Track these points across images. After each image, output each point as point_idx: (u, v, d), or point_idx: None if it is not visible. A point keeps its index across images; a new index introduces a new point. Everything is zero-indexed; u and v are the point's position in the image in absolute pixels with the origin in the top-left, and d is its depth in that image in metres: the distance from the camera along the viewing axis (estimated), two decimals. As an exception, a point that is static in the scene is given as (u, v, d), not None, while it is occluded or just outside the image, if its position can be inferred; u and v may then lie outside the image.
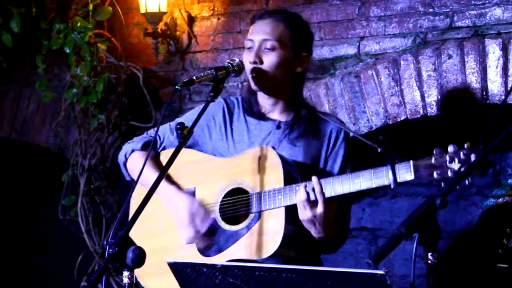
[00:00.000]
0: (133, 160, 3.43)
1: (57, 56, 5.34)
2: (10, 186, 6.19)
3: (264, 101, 3.33)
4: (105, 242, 2.64)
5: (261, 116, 3.33)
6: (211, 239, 3.24)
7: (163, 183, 3.25)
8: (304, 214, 3.02)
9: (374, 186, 2.95)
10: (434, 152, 2.83)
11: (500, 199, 4.56)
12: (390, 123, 4.34)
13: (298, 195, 3.02)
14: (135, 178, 3.43)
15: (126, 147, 3.49)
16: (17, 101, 5.80)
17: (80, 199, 5.33)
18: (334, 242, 3.24)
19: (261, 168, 3.17)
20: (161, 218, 3.36)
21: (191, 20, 5.07)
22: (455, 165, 2.78)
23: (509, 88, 3.98)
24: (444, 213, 2.25)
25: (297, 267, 2.33)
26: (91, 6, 5.09)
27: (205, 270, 2.47)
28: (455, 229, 4.65)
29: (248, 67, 3.23)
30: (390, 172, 2.88)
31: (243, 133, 3.34)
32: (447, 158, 2.80)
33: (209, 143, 3.38)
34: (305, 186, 3.02)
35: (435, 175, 2.83)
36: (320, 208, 3.00)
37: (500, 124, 2.53)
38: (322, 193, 3.00)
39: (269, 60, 3.22)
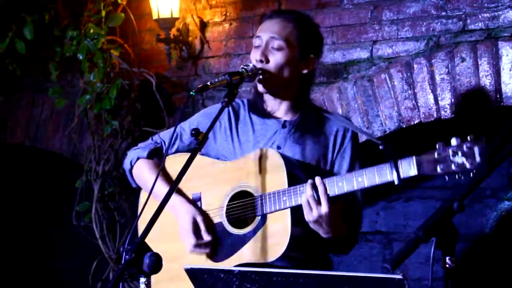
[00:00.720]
0: (139, 168, 3.45)
1: (70, 62, 5.36)
2: (24, 193, 6.21)
3: (269, 99, 3.33)
4: (121, 249, 2.64)
5: (267, 115, 3.33)
6: (216, 245, 3.25)
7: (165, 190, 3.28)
8: (310, 214, 3.02)
9: (377, 183, 2.94)
10: (437, 146, 2.81)
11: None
12: (404, 126, 4.33)
13: (302, 195, 3.02)
14: (141, 185, 3.47)
15: (132, 154, 3.50)
16: (30, 108, 5.82)
17: (94, 205, 5.34)
18: (344, 243, 3.24)
19: (264, 170, 3.17)
20: (169, 223, 3.36)
21: (203, 26, 5.08)
22: (459, 159, 2.75)
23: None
24: (459, 216, 2.24)
25: (314, 272, 2.32)
26: (103, 13, 5.11)
27: (222, 275, 2.47)
28: (470, 232, 4.63)
29: (254, 62, 3.23)
30: (393, 168, 2.87)
31: (249, 133, 3.34)
32: (450, 152, 2.76)
33: (214, 146, 3.38)
34: (311, 185, 3.01)
35: (438, 169, 2.79)
36: (324, 208, 2.99)
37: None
38: (326, 193, 2.99)
39: (275, 60, 3.22)
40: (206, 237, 3.23)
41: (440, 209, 2.24)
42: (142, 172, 3.42)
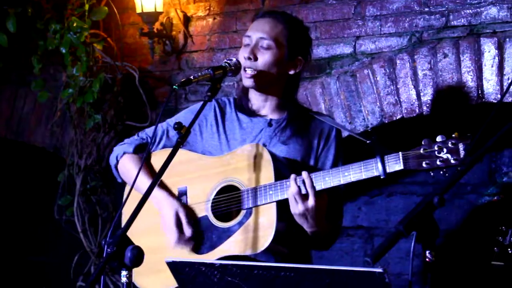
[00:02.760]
0: (124, 163, 3.46)
1: (53, 56, 5.34)
2: (6, 186, 6.18)
3: (255, 97, 3.36)
4: (103, 242, 2.64)
5: (252, 113, 3.36)
6: (201, 238, 3.27)
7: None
8: (296, 207, 3.06)
9: (364, 177, 3.00)
10: (423, 142, 2.90)
11: (495, 197, 4.58)
12: (386, 122, 4.35)
13: (289, 189, 3.05)
14: (126, 180, 3.49)
15: (118, 149, 3.51)
16: (13, 101, 5.80)
17: (76, 199, 5.33)
18: (326, 238, 3.28)
19: (252, 165, 3.20)
20: (153, 217, 3.37)
21: (187, 20, 5.08)
22: (444, 155, 2.84)
23: (504, 87, 3.99)
24: (439, 211, 2.26)
25: (295, 265, 2.33)
26: (87, 6, 5.09)
27: (203, 269, 2.47)
28: (450, 227, 4.66)
29: (242, 62, 3.26)
30: (379, 163, 2.92)
31: (235, 131, 3.37)
32: (436, 148, 2.87)
33: (200, 142, 3.40)
34: (295, 180, 3.05)
35: (424, 164, 2.88)
36: (311, 201, 3.03)
37: (496, 122, 2.54)
38: (313, 187, 3.04)
39: (264, 59, 3.25)
40: (188, 232, 3.25)
41: (421, 204, 2.25)
42: (128, 167, 3.44)
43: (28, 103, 5.72)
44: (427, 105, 4.23)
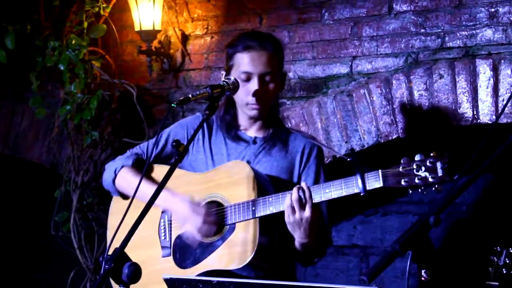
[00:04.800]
0: (124, 176, 3.46)
1: (51, 73, 5.36)
2: (3, 202, 6.18)
3: (244, 120, 3.43)
4: (100, 258, 2.65)
5: (238, 137, 3.43)
6: (185, 253, 3.29)
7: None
8: (292, 217, 3.09)
9: (344, 194, 3.06)
10: (402, 161, 2.95)
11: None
12: (382, 141, 4.38)
13: (287, 199, 3.09)
14: (126, 192, 3.49)
15: (114, 164, 3.52)
16: (10, 117, 5.81)
17: (73, 215, 5.34)
18: (312, 252, 3.30)
19: (235, 181, 3.25)
20: (141, 231, 3.35)
21: (185, 38, 5.11)
22: (422, 173, 2.89)
23: (499, 108, 4.02)
24: (434, 231, 2.29)
25: (292, 283, 2.36)
26: (85, 24, 5.12)
27: (201, 286, 2.49)
28: (445, 247, 4.68)
29: (250, 98, 3.31)
30: (359, 180, 2.97)
31: (221, 147, 3.43)
32: (414, 166, 2.92)
33: (186, 156, 3.43)
34: (298, 189, 3.10)
35: (402, 182, 2.94)
36: (307, 212, 3.07)
37: (491, 144, 2.57)
38: (311, 198, 3.08)
39: (271, 90, 3.35)
40: (208, 216, 3.25)
41: (417, 223, 2.27)
42: (129, 179, 3.44)
43: (26, 119, 5.74)
44: (423, 126, 4.25)
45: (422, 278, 2.27)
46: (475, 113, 4.11)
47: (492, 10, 4.10)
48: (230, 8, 4.95)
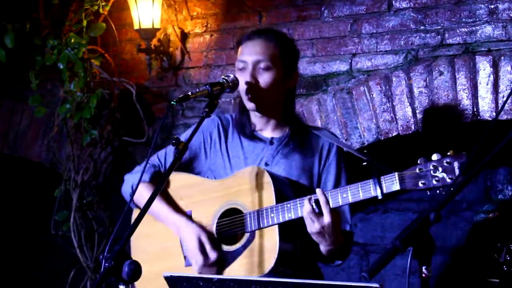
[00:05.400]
0: (141, 193, 3.39)
1: (50, 71, 5.36)
2: (2, 201, 6.18)
3: (256, 119, 3.38)
4: (100, 256, 2.65)
5: (254, 137, 3.37)
6: (214, 269, 3.27)
7: (171, 213, 3.34)
8: (313, 226, 3.05)
9: (362, 198, 3.01)
10: (419, 161, 2.90)
11: (491, 215, 4.59)
12: (382, 139, 4.37)
13: (304, 208, 3.05)
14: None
15: (131, 178, 3.47)
16: (10, 116, 5.81)
17: (73, 214, 5.34)
18: (337, 255, 3.26)
19: (253, 188, 3.20)
20: (161, 242, 3.39)
21: (184, 37, 5.11)
22: (439, 174, 2.85)
23: (500, 105, 4.02)
24: (435, 228, 2.28)
25: (293, 280, 2.34)
26: (85, 22, 5.12)
27: (201, 283, 2.48)
28: (446, 244, 4.68)
29: (243, 87, 3.26)
30: (376, 184, 2.93)
31: (238, 149, 3.38)
32: (431, 167, 2.87)
33: (205, 160, 3.42)
34: (309, 199, 3.05)
35: (420, 184, 2.89)
36: (327, 219, 3.02)
37: (491, 140, 2.56)
38: (328, 204, 3.03)
39: (265, 80, 3.26)
40: (212, 256, 3.23)
41: (417, 220, 2.27)
42: (145, 196, 3.31)
43: (25, 118, 5.74)
44: (421, 123, 4.25)
45: (423, 275, 2.27)
46: (475, 110, 4.10)
47: (492, 6, 4.10)
48: (229, 6, 4.94)
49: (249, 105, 3.29)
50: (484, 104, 4.09)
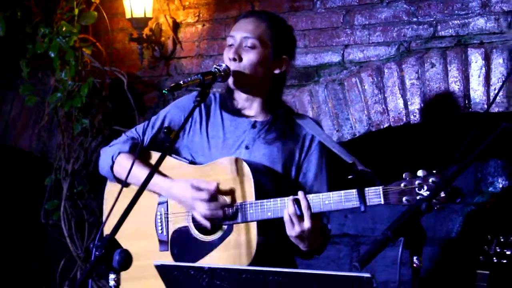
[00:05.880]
0: (121, 162, 3.35)
1: (41, 60, 5.33)
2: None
3: (240, 98, 3.34)
4: (91, 245, 2.64)
5: (236, 112, 3.34)
6: (182, 249, 3.25)
7: (158, 178, 3.26)
8: (292, 230, 3.04)
9: (344, 207, 3.01)
10: (404, 176, 2.88)
11: (481, 207, 4.61)
12: (373, 130, 4.37)
13: (284, 212, 3.03)
14: (128, 179, 3.37)
15: (110, 150, 3.43)
16: (0, 105, 5.79)
17: (63, 203, 5.32)
18: (313, 252, 3.25)
19: (232, 179, 3.18)
20: (137, 221, 3.34)
21: (176, 26, 5.09)
22: (424, 192, 2.83)
23: (491, 97, 4.02)
24: (426, 220, 2.29)
25: (284, 270, 2.34)
26: (76, 11, 5.10)
27: (192, 272, 2.48)
28: (436, 236, 4.69)
29: (227, 63, 3.24)
30: (360, 197, 2.93)
31: (218, 129, 3.35)
32: (416, 184, 2.85)
33: (184, 138, 3.36)
34: (293, 202, 3.02)
35: (404, 200, 2.88)
36: (307, 224, 3.01)
37: (483, 132, 2.57)
38: (309, 209, 3.01)
39: (248, 58, 3.23)
40: (212, 186, 3.16)
41: (408, 210, 2.27)
42: (127, 166, 3.19)
43: (16, 107, 5.71)
44: (414, 114, 4.26)
45: (414, 265, 2.27)
46: (466, 102, 4.11)
47: (485, -1, 4.11)
48: (221, -4, 4.94)
49: (230, 80, 3.25)
50: (475, 96, 4.09)
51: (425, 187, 2.83)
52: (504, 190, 4.60)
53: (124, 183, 2.97)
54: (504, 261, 3.38)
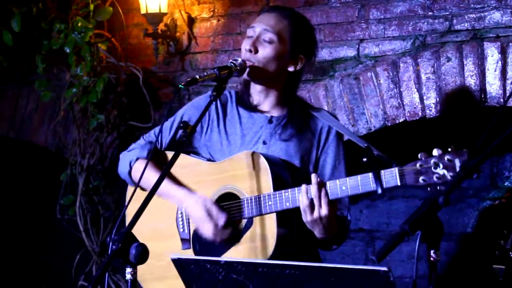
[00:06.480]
0: (139, 169, 3.32)
1: (56, 55, 5.35)
2: (8, 185, 6.20)
3: (255, 92, 3.34)
4: (108, 239, 2.65)
5: (253, 108, 3.34)
6: (203, 246, 3.25)
7: (171, 187, 3.28)
8: (310, 216, 3.03)
9: (361, 191, 2.98)
10: (419, 156, 2.85)
11: (497, 202, 4.59)
12: (389, 125, 4.37)
13: (302, 197, 3.03)
14: (145, 186, 3.35)
15: (128, 156, 3.43)
16: (16, 100, 5.81)
17: (79, 198, 5.34)
18: (333, 241, 3.25)
19: (250, 173, 3.17)
20: (158, 222, 3.37)
21: (191, 21, 5.10)
22: (440, 170, 2.81)
23: (508, 91, 4.01)
24: (441, 215, 2.28)
25: (300, 263, 2.34)
26: (91, 7, 5.11)
27: (208, 266, 2.48)
28: (452, 231, 4.68)
29: (243, 54, 3.24)
30: (376, 179, 2.91)
31: (236, 126, 3.34)
32: (432, 163, 2.82)
33: (203, 137, 3.37)
34: (307, 190, 3.02)
35: (420, 180, 2.85)
36: (324, 210, 3.00)
37: (499, 126, 2.56)
38: (327, 195, 3.01)
39: (264, 52, 3.23)
40: (222, 219, 3.17)
41: (426, 203, 2.26)
42: (145, 173, 3.18)
43: (31, 103, 5.74)
44: (430, 109, 4.25)
45: (431, 259, 2.27)
46: (482, 96, 4.09)
47: (501, -8, 4.09)
48: (236, -10, 4.94)
49: (245, 74, 3.24)
50: (492, 90, 4.08)
51: (441, 165, 2.81)
52: (520, 184, 4.59)
53: (136, 187, 2.97)
54: (520, 255, 3.38)
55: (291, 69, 3.29)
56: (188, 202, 3.25)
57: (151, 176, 3.22)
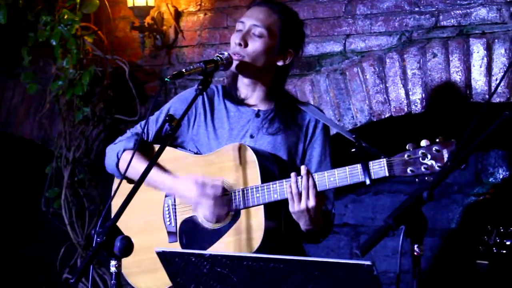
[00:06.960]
0: (127, 159, 3.23)
1: (42, 48, 5.33)
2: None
3: (243, 86, 3.34)
4: (92, 231, 2.65)
5: (240, 102, 3.34)
6: (190, 239, 3.25)
7: (159, 174, 3.27)
8: (297, 206, 3.04)
9: (349, 183, 3.00)
10: (407, 147, 2.89)
11: (481, 197, 4.61)
12: (375, 120, 4.38)
13: (290, 188, 3.04)
14: (132, 177, 3.32)
15: (115, 148, 3.41)
16: (2, 93, 5.79)
17: (64, 191, 5.33)
18: (319, 234, 3.26)
19: (237, 166, 3.18)
20: (146, 215, 3.36)
21: (178, 15, 5.09)
22: (428, 161, 2.84)
23: (493, 87, 4.03)
24: (426, 210, 2.29)
25: (285, 257, 2.35)
26: (78, -1, 5.10)
27: (193, 259, 2.48)
28: (436, 226, 4.69)
29: (232, 48, 3.24)
30: (364, 170, 2.92)
31: (223, 120, 3.34)
32: (420, 154, 2.86)
33: (189, 131, 3.36)
34: (296, 180, 3.03)
35: (408, 171, 2.89)
36: (312, 202, 3.02)
37: (484, 123, 2.57)
38: (315, 187, 3.02)
39: (254, 46, 3.23)
40: (218, 188, 3.15)
41: (410, 198, 2.27)
42: (132, 163, 3.16)
43: (17, 95, 5.72)
44: (416, 104, 4.26)
45: (415, 253, 2.28)
46: (468, 92, 4.11)
47: (487, -11, 4.11)
48: (223, -16, 4.93)
49: (233, 67, 3.24)
50: (477, 86, 4.09)
51: (429, 156, 2.84)
52: (504, 180, 4.61)
53: (122, 178, 2.97)
54: (504, 251, 3.39)
55: (280, 63, 3.30)
56: (178, 184, 3.24)
57: (139, 165, 3.21)
